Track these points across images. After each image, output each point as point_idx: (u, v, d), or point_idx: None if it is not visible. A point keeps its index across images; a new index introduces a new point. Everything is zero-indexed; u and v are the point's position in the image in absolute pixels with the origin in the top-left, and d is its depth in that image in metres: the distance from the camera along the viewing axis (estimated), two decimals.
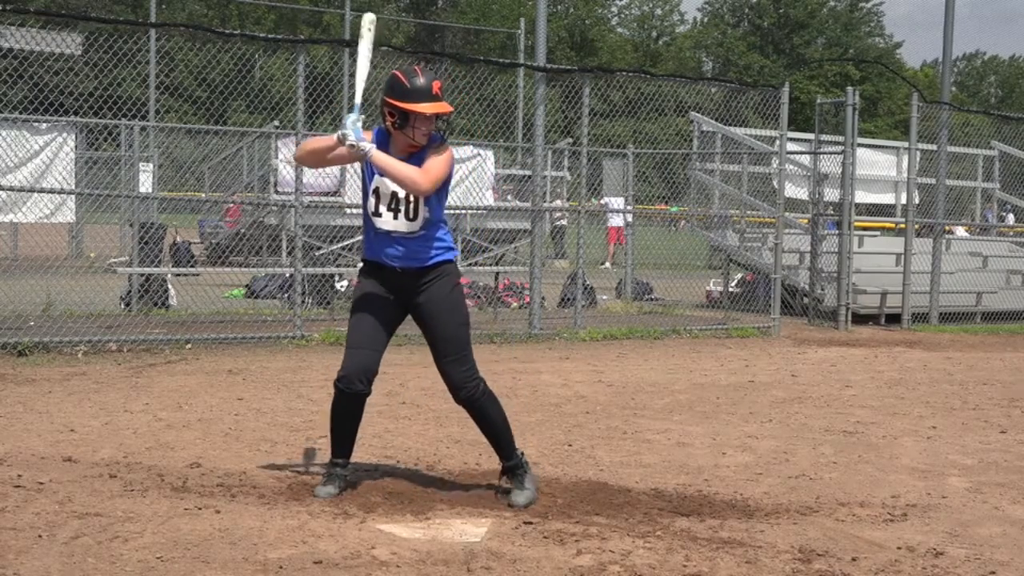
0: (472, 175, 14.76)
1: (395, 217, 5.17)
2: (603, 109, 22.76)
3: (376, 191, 5.18)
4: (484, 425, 5.34)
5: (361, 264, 5.41)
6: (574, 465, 6.12)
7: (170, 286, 13.33)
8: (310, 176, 13.75)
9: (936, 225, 15.80)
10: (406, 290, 5.24)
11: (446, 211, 5.44)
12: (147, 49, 18.26)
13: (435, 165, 5.14)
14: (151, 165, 15.12)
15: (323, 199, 14.87)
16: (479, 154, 15.00)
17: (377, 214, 5.19)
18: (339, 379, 5.21)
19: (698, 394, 8.90)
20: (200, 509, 4.94)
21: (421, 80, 5.10)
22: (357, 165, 5.76)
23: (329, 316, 13.09)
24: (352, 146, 5.04)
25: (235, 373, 9.19)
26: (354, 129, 5.06)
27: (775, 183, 14.78)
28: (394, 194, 5.16)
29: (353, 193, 15.04)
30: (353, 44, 15.27)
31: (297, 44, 11.55)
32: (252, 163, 17.39)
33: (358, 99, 5.22)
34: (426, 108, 5.08)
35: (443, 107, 5.15)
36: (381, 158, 5.07)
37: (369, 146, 5.07)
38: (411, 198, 5.15)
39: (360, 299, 5.28)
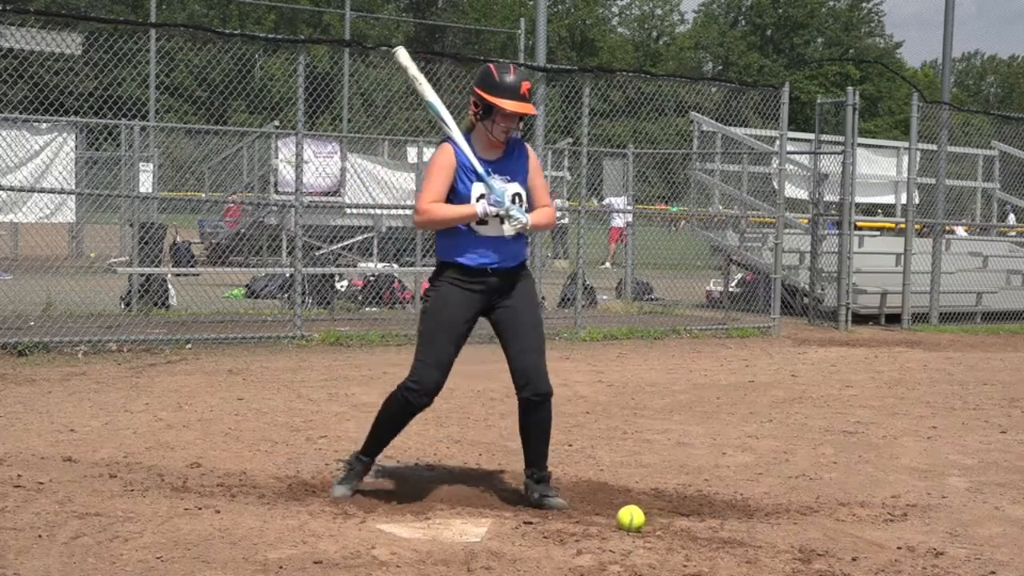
0: None
1: (502, 223, 5.09)
2: (603, 109, 22.72)
3: (481, 198, 5.07)
4: (543, 427, 5.22)
5: (446, 270, 5.14)
6: (574, 465, 6.12)
7: (170, 286, 13.33)
8: (310, 176, 13.75)
9: (936, 225, 15.80)
10: (498, 291, 5.15)
11: None
12: (147, 49, 18.21)
13: (544, 184, 5.32)
14: (151, 165, 15.10)
15: (323, 199, 14.86)
16: None
17: (484, 223, 5.07)
18: (410, 389, 5.11)
19: (698, 394, 8.90)
20: (200, 509, 4.93)
21: (511, 77, 5.07)
22: (358, 168, 5.73)
23: (329, 316, 13.09)
24: (516, 221, 5.03)
25: (235, 373, 9.19)
26: (500, 194, 5.03)
27: (775, 183, 14.77)
28: None
29: (353, 193, 15.05)
30: (353, 44, 15.33)
31: (297, 44, 11.56)
32: (252, 163, 17.38)
33: (458, 138, 5.13)
34: (510, 105, 5.01)
35: (527, 108, 5.09)
36: (535, 221, 5.14)
37: (526, 217, 5.07)
38: (517, 202, 5.11)
39: (445, 310, 5.09)
